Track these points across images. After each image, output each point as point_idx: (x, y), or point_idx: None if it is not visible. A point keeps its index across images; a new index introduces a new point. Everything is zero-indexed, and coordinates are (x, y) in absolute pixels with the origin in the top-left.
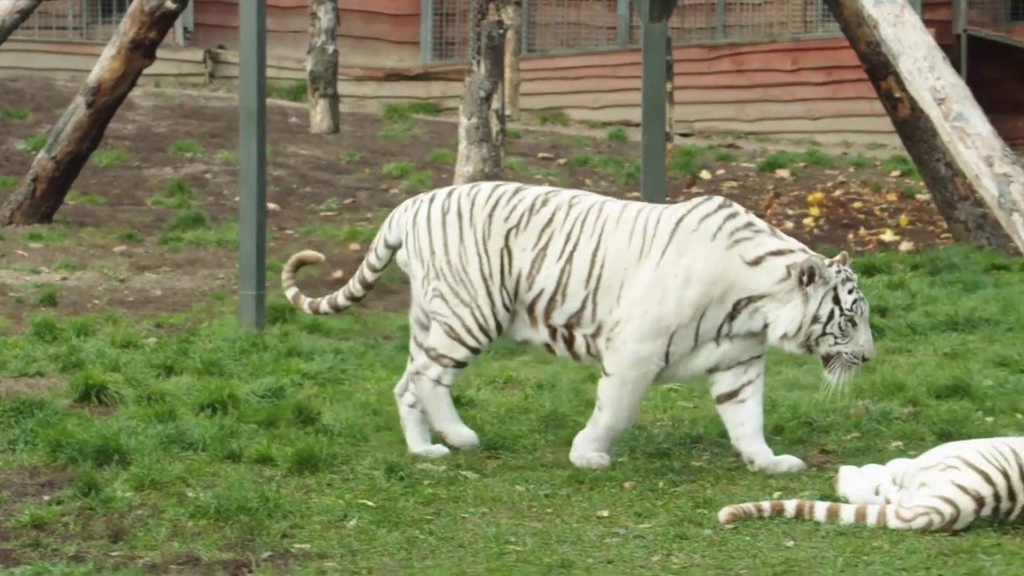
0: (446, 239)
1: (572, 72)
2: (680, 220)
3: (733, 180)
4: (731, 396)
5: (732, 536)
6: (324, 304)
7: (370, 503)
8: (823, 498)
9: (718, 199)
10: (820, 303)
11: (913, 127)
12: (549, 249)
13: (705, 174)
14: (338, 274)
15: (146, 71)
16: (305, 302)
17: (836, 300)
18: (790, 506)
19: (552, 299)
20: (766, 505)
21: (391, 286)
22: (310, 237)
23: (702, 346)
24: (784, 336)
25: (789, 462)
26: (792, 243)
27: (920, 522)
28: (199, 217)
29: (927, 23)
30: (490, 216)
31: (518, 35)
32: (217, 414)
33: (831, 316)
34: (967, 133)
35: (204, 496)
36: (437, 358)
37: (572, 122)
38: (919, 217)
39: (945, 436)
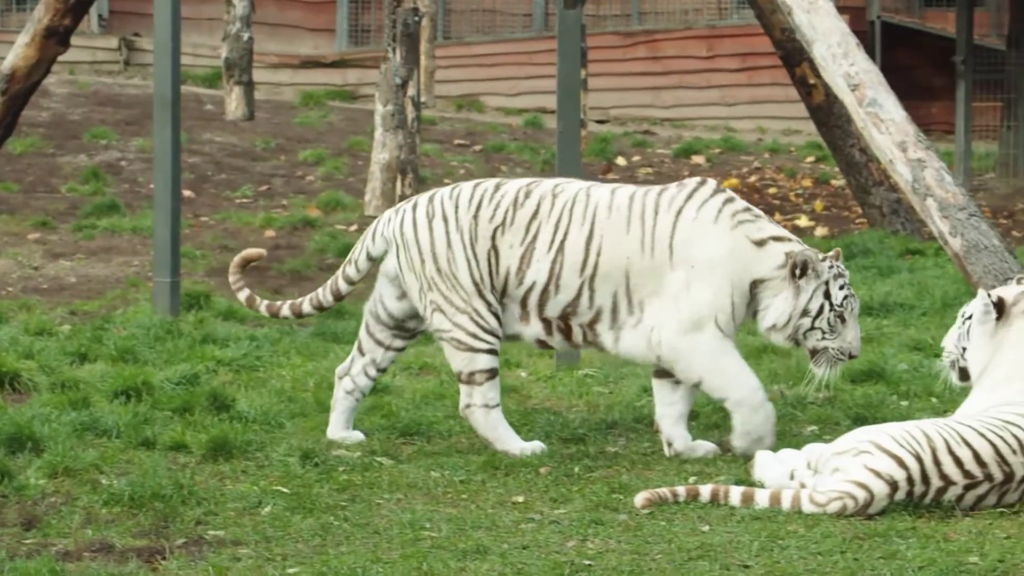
0: (434, 246)
1: (488, 59)
2: (680, 210)
3: (649, 167)
4: (668, 374)
5: (648, 521)
6: (285, 309)
7: (285, 490)
8: (739, 483)
9: (712, 183)
10: (811, 297)
11: (827, 113)
12: (538, 242)
13: (621, 160)
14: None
15: (61, 58)
16: (262, 304)
17: (827, 295)
18: (705, 491)
19: (545, 291)
20: (681, 490)
21: (306, 273)
22: (225, 224)
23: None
24: (773, 327)
25: (705, 447)
26: (788, 233)
27: (834, 506)
28: (114, 204)
29: (841, 10)
30: (475, 217)
31: (433, 22)
32: (131, 401)
33: (821, 311)
34: (881, 119)
35: (118, 483)
36: (469, 380)
37: (488, 109)
38: (834, 203)
39: (860, 420)
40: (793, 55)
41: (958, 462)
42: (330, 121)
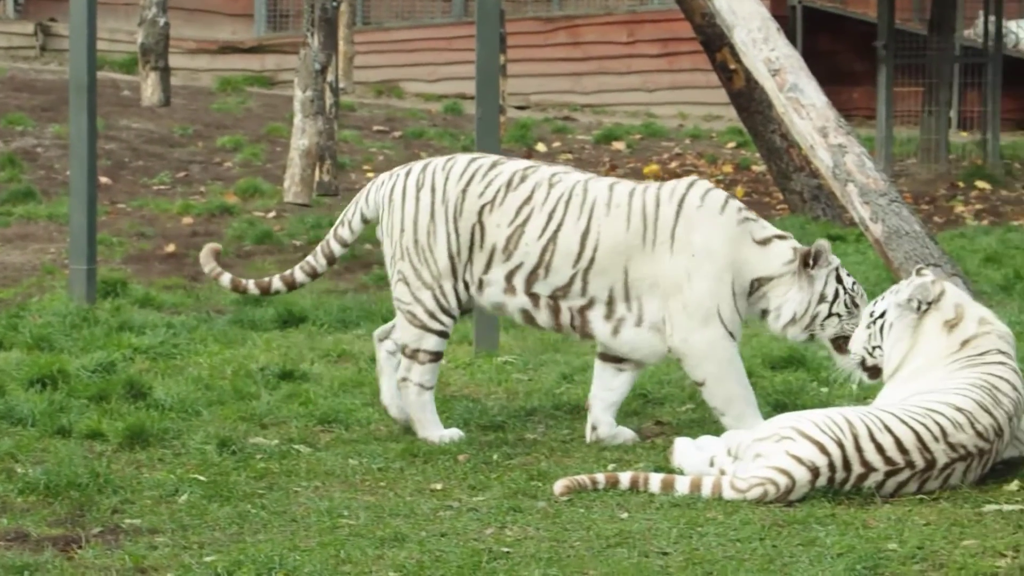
0: (416, 215)
1: (407, 45)
2: (682, 199)
3: (569, 153)
4: (616, 360)
5: (566, 508)
6: (276, 282)
7: (202, 478)
8: (658, 470)
9: (707, 181)
10: (825, 283)
11: (748, 98)
12: (528, 226)
13: (541, 147)
14: (170, 248)
15: None
16: (250, 283)
17: (839, 280)
18: (625, 478)
19: (534, 272)
20: (601, 477)
21: (224, 260)
22: (142, 211)
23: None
24: (792, 320)
25: (626, 435)
26: (783, 232)
27: (755, 493)
28: (30, 191)
29: None
30: (464, 192)
31: (352, 8)
32: (47, 389)
33: (836, 296)
34: (802, 104)
35: (33, 472)
36: (413, 355)
37: (408, 95)
38: (755, 188)
39: (780, 407)
40: (714, 40)
41: (880, 449)
42: (248, 107)
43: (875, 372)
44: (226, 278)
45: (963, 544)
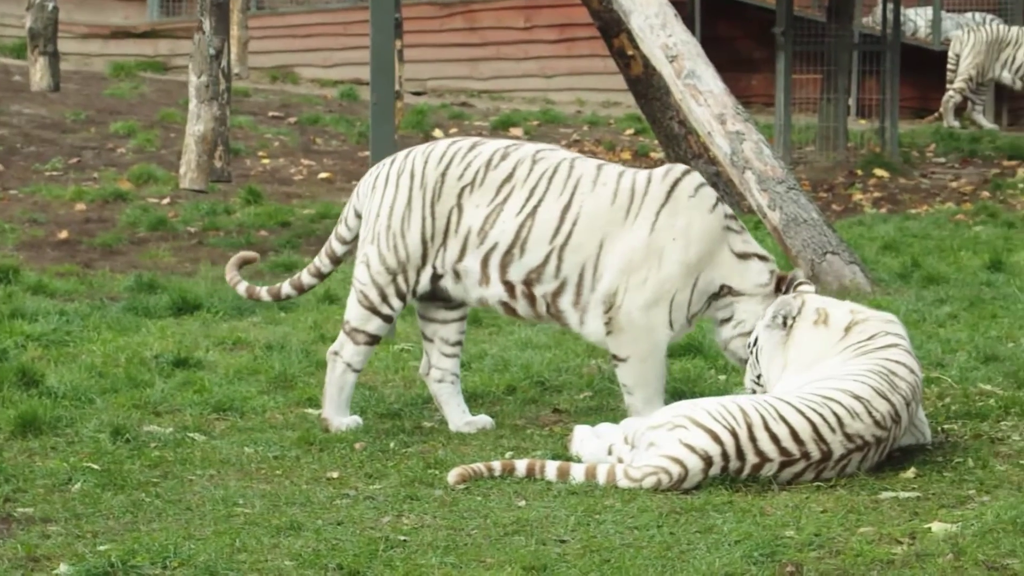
0: (394, 201)
1: (302, 30)
2: (676, 182)
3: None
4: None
5: (463, 496)
6: (286, 287)
7: (95, 466)
8: (556, 457)
9: (699, 173)
10: None
11: (646, 85)
12: (508, 204)
13: (438, 133)
14: (63, 234)
15: None
16: (263, 291)
17: None
18: (521, 465)
19: (508, 252)
20: (497, 465)
21: (117, 247)
22: (35, 198)
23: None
24: (741, 336)
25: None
26: (767, 253)
27: (649, 481)
28: None
29: None
30: (443, 175)
31: None
32: None
33: None
34: (699, 91)
35: None
36: (351, 333)
37: (303, 80)
38: None
39: (677, 395)
40: (611, 26)
41: (774, 439)
42: (142, 92)
43: None
44: (243, 287)
45: (860, 531)
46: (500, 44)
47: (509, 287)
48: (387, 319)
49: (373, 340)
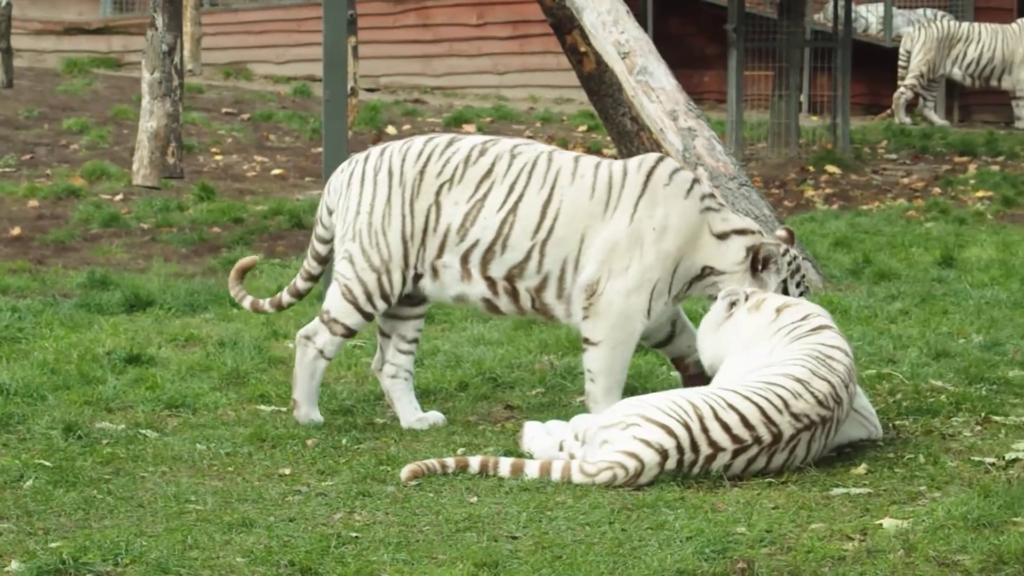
0: (373, 199)
1: (256, 26)
2: (651, 172)
3: (420, 135)
4: (669, 339)
5: (415, 493)
6: (285, 296)
7: (47, 463)
8: (508, 454)
9: (673, 160)
10: (773, 291)
11: (599, 81)
12: (488, 200)
13: (391, 129)
14: (16, 231)
15: None
16: (265, 303)
17: (785, 291)
18: (475, 462)
19: (490, 249)
20: (450, 461)
21: (71, 243)
22: None
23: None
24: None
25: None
26: (750, 222)
27: (604, 476)
28: None
29: None
30: (422, 172)
31: None
32: None
33: None
34: (651, 87)
35: None
36: (329, 323)
37: (256, 77)
38: None
39: (629, 391)
40: (564, 23)
41: (726, 427)
42: (95, 89)
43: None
44: (247, 301)
45: (811, 527)
46: (453, 41)
47: (491, 283)
48: (367, 317)
49: (350, 334)
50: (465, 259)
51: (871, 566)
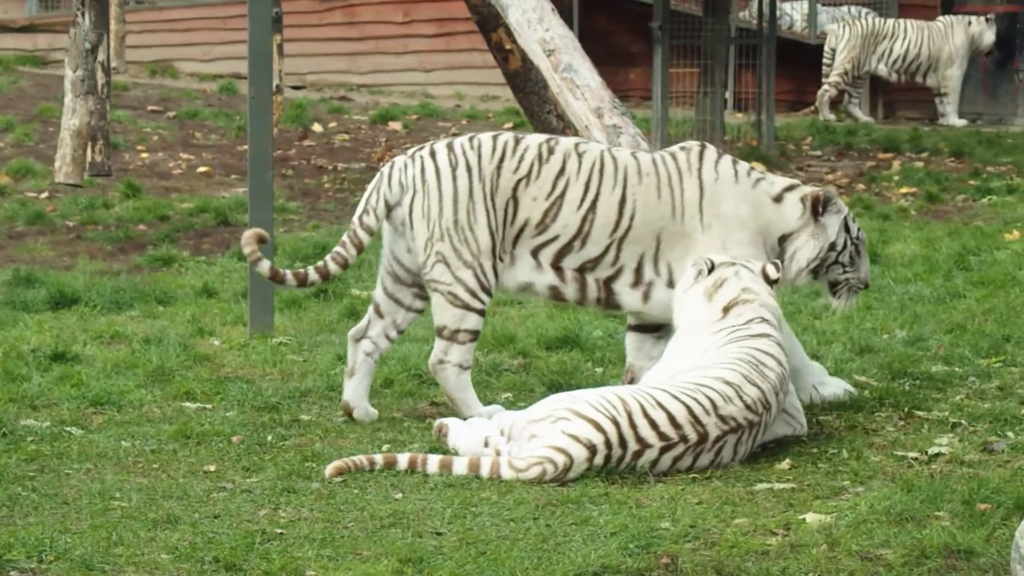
0: (456, 195)
1: (181, 24)
2: (699, 172)
3: (345, 133)
4: (653, 329)
5: (341, 489)
6: (312, 274)
7: None
8: (432, 450)
9: (712, 146)
10: (837, 231)
11: (524, 79)
12: (566, 197)
13: (317, 127)
14: None
15: None
16: (288, 274)
17: (847, 229)
18: (402, 459)
19: (568, 245)
20: (379, 458)
21: None
22: None
23: None
24: (805, 267)
25: None
26: (790, 178)
27: (534, 472)
28: None
29: None
30: (499, 168)
31: None
32: None
33: (844, 245)
34: (576, 85)
35: None
36: (452, 336)
37: (182, 75)
38: None
39: (555, 387)
40: (489, 20)
41: (653, 424)
42: (20, 87)
43: None
44: (265, 265)
45: (735, 522)
46: (379, 38)
47: (560, 273)
48: (480, 312)
49: (475, 335)
50: (536, 252)
51: (794, 561)
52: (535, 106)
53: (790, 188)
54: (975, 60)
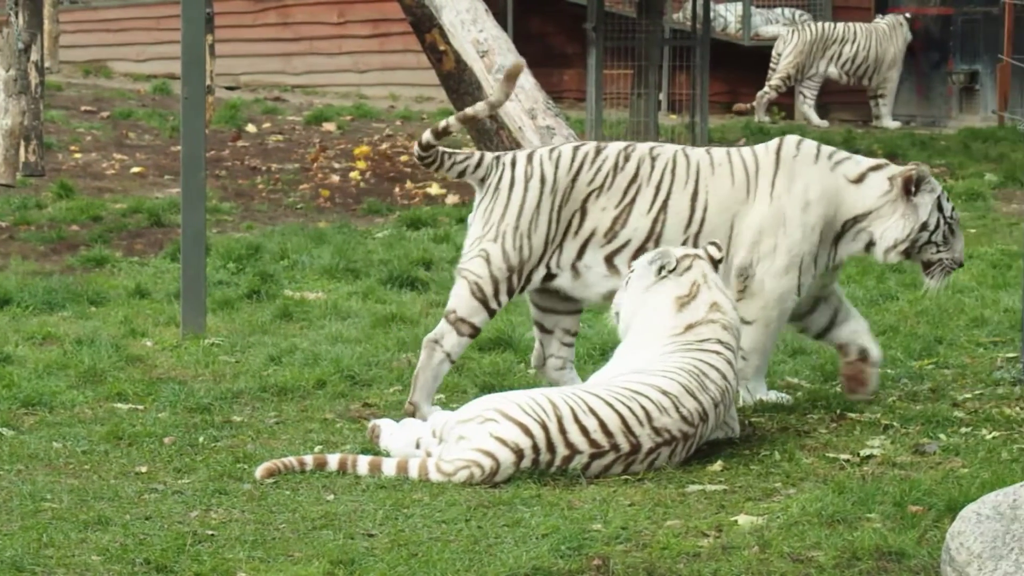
0: (523, 204)
1: (115, 24)
2: (779, 150)
3: (280, 133)
4: (830, 327)
5: (272, 491)
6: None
7: None
8: (365, 452)
9: (796, 135)
10: (929, 211)
11: (458, 80)
12: (636, 204)
13: (251, 128)
14: None
15: None
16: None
17: (940, 208)
18: (333, 460)
19: (642, 248)
20: (309, 459)
21: None
22: None
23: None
24: (893, 246)
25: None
26: (879, 159)
27: (461, 475)
28: None
29: None
30: (574, 180)
31: None
32: None
33: (937, 224)
34: None
35: None
36: (456, 323)
37: (116, 75)
38: None
39: (487, 388)
40: (423, 21)
41: (584, 431)
42: None
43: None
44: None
45: (667, 524)
46: (313, 39)
47: None
48: (492, 313)
49: (475, 333)
50: (611, 258)
51: (726, 562)
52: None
53: (876, 168)
54: (908, 62)
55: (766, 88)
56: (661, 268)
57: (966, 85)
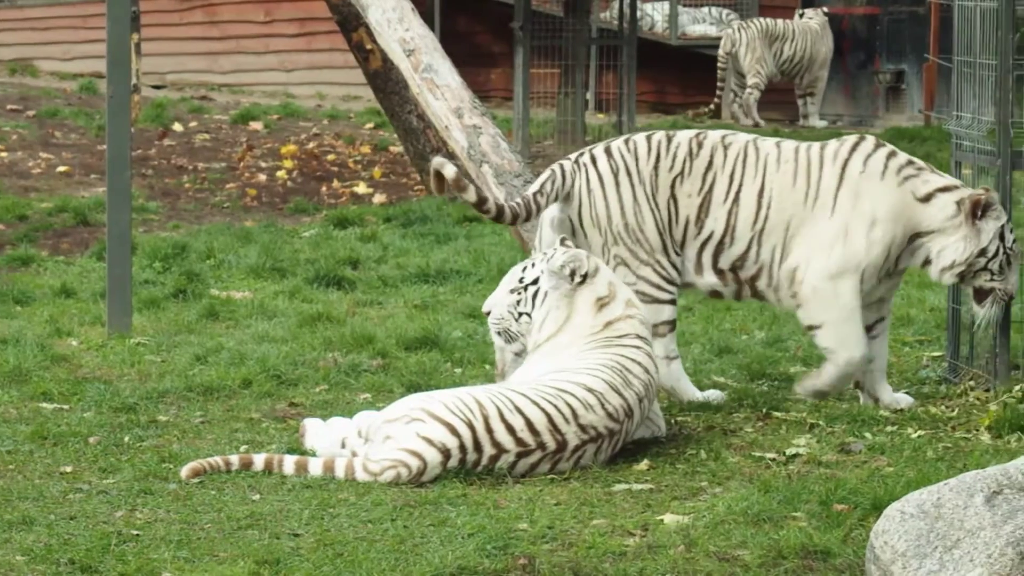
0: (621, 200)
1: (41, 23)
2: (845, 163)
3: (206, 132)
4: (867, 329)
5: (198, 490)
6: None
7: None
8: (291, 451)
9: (872, 139)
10: (990, 239)
11: (385, 79)
12: (715, 192)
13: (178, 126)
14: None
15: None
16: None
17: (1002, 237)
18: (259, 460)
19: (720, 242)
20: (235, 459)
21: None
22: None
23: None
24: (949, 267)
25: (907, 401)
26: (951, 179)
27: (388, 475)
28: None
29: None
30: (655, 168)
31: None
32: None
33: (996, 253)
34: (436, 85)
35: None
36: (653, 332)
37: (42, 73)
38: (392, 169)
39: (414, 387)
40: (350, 20)
41: (511, 430)
42: None
43: (511, 337)
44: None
45: (593, 523)
46: (240, 38)
47: (721, 275)
48: (672, 303)
49: (673, 324)
50: (700, 251)
51: (652, 561)
52: (396, 106)
53: (945, 189)
54: (835, 61)
55: (748, 89)
56: (574, 272)
57: (892, 84)
